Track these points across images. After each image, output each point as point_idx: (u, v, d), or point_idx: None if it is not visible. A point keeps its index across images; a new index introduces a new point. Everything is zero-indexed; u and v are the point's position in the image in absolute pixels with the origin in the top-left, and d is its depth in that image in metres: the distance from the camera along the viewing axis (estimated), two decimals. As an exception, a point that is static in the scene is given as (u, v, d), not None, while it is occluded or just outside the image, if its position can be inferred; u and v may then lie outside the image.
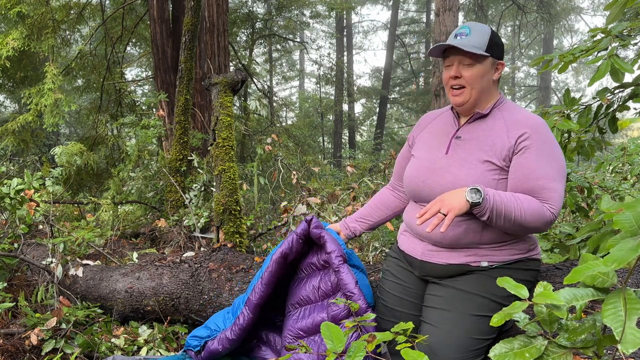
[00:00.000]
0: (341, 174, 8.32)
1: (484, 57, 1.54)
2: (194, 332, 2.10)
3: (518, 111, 1.57)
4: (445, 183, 1.55)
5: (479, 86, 1.55)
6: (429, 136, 1.73)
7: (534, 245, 1.61)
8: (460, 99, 1.57)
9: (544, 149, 1.48)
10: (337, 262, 1.80)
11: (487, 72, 1.55)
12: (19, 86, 7.54)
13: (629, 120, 2.62)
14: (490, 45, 1.54)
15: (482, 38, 1.53)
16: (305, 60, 25.02)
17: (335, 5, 13.03)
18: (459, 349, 1.49)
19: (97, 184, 6.33)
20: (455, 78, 1.57)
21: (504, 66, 1.61)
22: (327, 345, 1.15)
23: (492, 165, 1.51)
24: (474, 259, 1.55)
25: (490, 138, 1.55)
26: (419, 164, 1.68)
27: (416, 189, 1.66)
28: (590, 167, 4.18)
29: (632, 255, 0.86)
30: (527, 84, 24.24)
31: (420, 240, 1.66)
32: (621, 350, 0.83)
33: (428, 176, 1.61)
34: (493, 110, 1.60)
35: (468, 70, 1.54)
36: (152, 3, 6.08)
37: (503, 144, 1.51)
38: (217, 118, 3.26)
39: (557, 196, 1.47)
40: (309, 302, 1.98)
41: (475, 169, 1.52)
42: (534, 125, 1.51)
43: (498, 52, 1.57)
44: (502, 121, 1.56)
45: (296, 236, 1.95)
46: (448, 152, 1.61)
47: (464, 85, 1.56)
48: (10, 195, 2.81)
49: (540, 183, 1.46)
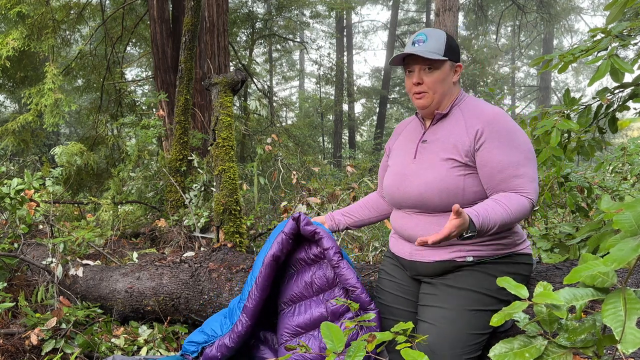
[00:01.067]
0: (341, 174, 8.32)
1: (442, 62, 1.59)
2: (190, 337, 2.08)
3: (475, 105, 1.61)
4: (416, 187, 1.60)
5: (440, 90, 1.61)
6: (400, 144, 1.79)
7: (520, 240, 1.63)
8: (423, 102, 1.63)
9: (502, 139, 1.51)
10: (337, 259, 1.80)
11: (446, 75, 1.61)
12: (19, 86, 7.54)
13: (629, 120, 2.62)
14: (447, 49, 1.59)
15: (438, 43, 1.58)
16: (305, 60, 25.04)
17: (335, 5, 13.04)
18: (457, 344, 1.50)
19: (97, 184, 6.33)
20: (417, 84, 1.62)
21: (462, 68, 1.66)
22: (327, 345, 1.15)
23: (455, 162, 1.55)
24: (459, 255, 1.57)
25: (452, 136, 1.58)
26: (392, 172, 1.74)
27: (394, 197, 1.71)
28: (590, 167, 4.18)
29: (632, 255, 0.86)
30: (527, 84, 24.25)
31: (407, 242, 1.70)
32: (621, 350, 0.83)
33: (401, 183, 1.66)
34: (453, 108, 1.64)
35: (429, 76, 1.60)
36: (152, 3, 6.08)
37: (463, 141, 1.55)
38: (217, 118, 3.26)
39: (529, 180, 1.50)
40: (302, 298, 1.98)
41: (440, 168, 1.56)
42: (489, 118, 1.54)
43: (455, 55, 1.62)
44: (461, 118, 1.60)
45: (285, 236, 1.93)
46: (416, 156, 1.66)
47: (426, 91, 1.61)
48: (10, 195, 2.81)
49: (508, 173, 1.50)
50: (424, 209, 1.61)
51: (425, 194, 1.57)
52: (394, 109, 22.85)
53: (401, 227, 1.71)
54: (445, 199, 1.55)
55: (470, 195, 1.55)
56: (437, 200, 1.56)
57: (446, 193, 1.54)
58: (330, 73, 17.93)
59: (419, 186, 1.59)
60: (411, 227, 1.65)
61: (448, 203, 1.55)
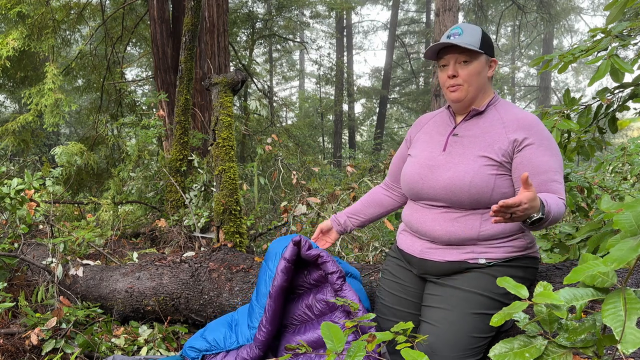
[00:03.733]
0: (341, 174, 8.33)
1: (478, 54, 1.58)
2: (191, 342, 2.07)
3: (513, 109, 1.60)
4: (445, 180, 1.57)
5: (475, 83, 1.59)
6: (425, 136, 1.75)
7: (531, 243, 1.62)
8: (457, 95, 1.60)
9: (545, 144, 1.52)
10: (340, 283, 1.78)
11: (482, 68, 1.59)
12: (19, 86, 7.54)
13: (629, 120, 2.62)
14: (483, 43, 1.58)
15: (474, 37, 1.58)
16: (305, 60, 25.04)
17: (335, 5, 13.04)
18: (458, 347, 1.49)
19: (97, 184, 6.33)
20: (452, 77, 1.59)
21: (497, 63, 1.65)
22: (327, 345, 1.15)
23: (490, 160, 1.53)
24: (471, 256, 1.55)
25: (488, 135, 1.57)
26: (417, 162, 1.69)
27: (415, 188, 1.66)
28: (590, 167, 4.18)
29: (632, 255, 0.87)
30: (527, 84, 24.25)
31: (419, 238, 1.67)
32: (621, 350, 0.83)
33: (427, 174, 1.62)
34: (489, 107, 1.63)
35: (464, 69, 1.58)
36: (152, 3, 6.08)
37: (502, 141, 1.54)
38: (217, 118, 3.26)
39: (563, 187, 1.53)
40: (303, 321, 1.97)
41: (472, 163, 1.54)
42: (532, 122, 1.54)
43: (490, 50, 1.61)
44: (498, 118, 1.59)
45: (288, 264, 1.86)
46: (445, 149, 1.63)
47: (461, 84, 1.59)
48: (10, 195, 2.81)
49: (548, 176, 1.50)
50: (448, 202, 1.57)
51: (453, 188, 1.54)
52: (394, 109, 22.84)
53: (417, 221, 1.66)
54: (474, 195, 1.52)
55: (498, 197, 1.52)
56: (465, 195, 1.52)
57: (475, 189, 1.51)
58: (330, 73, 17.93)
59: (448, 179, 1.55)
60: (427, 222, 1.62)
61: (474, 200, 1.53)
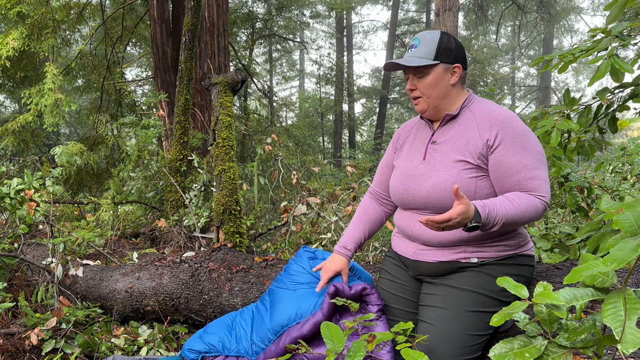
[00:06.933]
0: (341, 174, 8.33)
1: (431, 67, 1.59)
2: (190, 344, 2.06)
3: (487, 107, 1.60)
4: (426, 189, 1.58)
5: (434, 94, 1.61)
6: (408, 145, 1.78)
7: (525, 241, 1.62)
8: (420, 107, 1.66)
9: (518, 141, 1.51)
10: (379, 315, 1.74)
11: (440, 79, 1.60)
12: (19, 86, 7.54)
13: (629, 120, 2.62)
14: (440, 52, 1.58)
15: (430, 47, 1.59)
16: (305, 60, 25.06)
17: (335, 5, 13.04)
18: (456, 345, 1.50)
19: (97, 184, 6.33)
20: (411, 90, 1.65)
21: (461, 68, 1.62)
22: (327, 345, 1.15)
23: (468, 164, 1.54)
24: (463, 256, 1.57)
25: (463, 137, 1.58)
26: (400, 173, 1.72)
27: (402, 198, 1.70)
28: (590, 167, 4.18)
29: (632, 255, 0.86)
30: (527, 84, 24.25)
31: (411, 241, 1.69)
32: (621, 350, 0.83)
33: (409, 184, 1.65)
34: (462, 109, 1.63)
35: (420, 82, 1.62)
36: (152, 3, 6.08)
37: (476, 142, 1.54)
38: (217, 118, 3.26)
39: (542, 183, 1.50)
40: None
41: (451, 169, 1.55)
42: (503, 120, 1.53)
43: (449, 56, 1.60)
44: (472, 119, 1.59)
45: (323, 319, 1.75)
46: (425, 157, 1.65)
47: (420, 96, 1.63)
48: (10, 195, 2.81)
49: (522, 175, 1.49)
50: (434, 209, 1.59)
51: (436, 196, 1.56)
52: (394, 109, 22.85)
53: (406, 226, 1.69)
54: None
55: (481, 199, 1.53)
56: (449, 201, 1.54)
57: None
58: (330, 73, 17.94)
59: (429, 188, 1.57)
60: (417, 227, 1.64)
61: None
